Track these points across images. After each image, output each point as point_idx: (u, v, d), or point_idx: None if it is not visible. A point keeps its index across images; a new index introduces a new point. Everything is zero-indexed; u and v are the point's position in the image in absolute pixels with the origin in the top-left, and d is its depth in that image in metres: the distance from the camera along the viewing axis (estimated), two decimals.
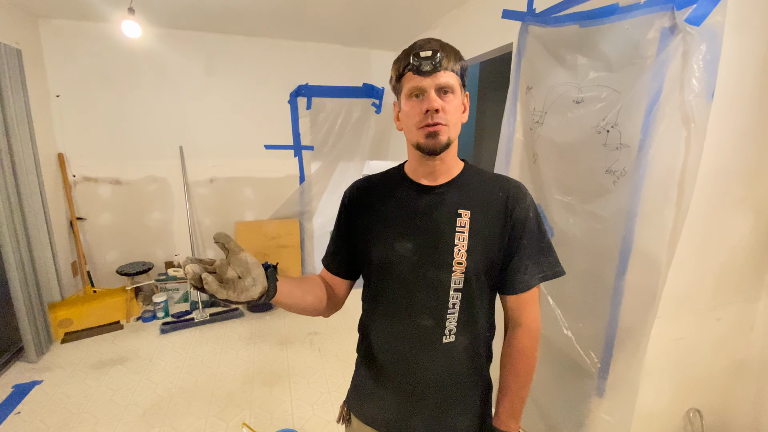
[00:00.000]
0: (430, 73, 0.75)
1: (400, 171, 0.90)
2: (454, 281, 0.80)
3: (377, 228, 0.86)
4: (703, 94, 1.20)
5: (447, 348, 0.83)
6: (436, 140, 0.77)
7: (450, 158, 0.84)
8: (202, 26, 3.19)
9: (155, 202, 3.48)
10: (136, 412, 2.09)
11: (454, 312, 0.81)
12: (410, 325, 0.83)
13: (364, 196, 0.91)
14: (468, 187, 0.84)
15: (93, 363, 2.53)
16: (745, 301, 1.61)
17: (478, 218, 0.81)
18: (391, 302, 0.85)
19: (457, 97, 0.78)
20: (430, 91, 0.75)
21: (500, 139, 1.95)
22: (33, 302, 2.55)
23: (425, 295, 0.82)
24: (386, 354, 0.88)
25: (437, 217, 0.82)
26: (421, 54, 0.75)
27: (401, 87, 0.80)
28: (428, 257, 0.81)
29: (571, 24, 1.55)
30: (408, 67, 0.77)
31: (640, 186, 1.35)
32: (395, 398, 0.87)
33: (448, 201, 0.82)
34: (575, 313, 1.63)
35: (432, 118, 0.75)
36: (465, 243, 0.79)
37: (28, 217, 2.57)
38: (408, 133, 0.81)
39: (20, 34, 2.69)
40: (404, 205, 0.85)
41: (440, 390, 0.85)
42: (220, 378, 2.39)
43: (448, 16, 2.76)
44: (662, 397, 1.57)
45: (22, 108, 2.57)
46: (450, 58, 0.76)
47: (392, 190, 0.88)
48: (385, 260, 0.84)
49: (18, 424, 1.99)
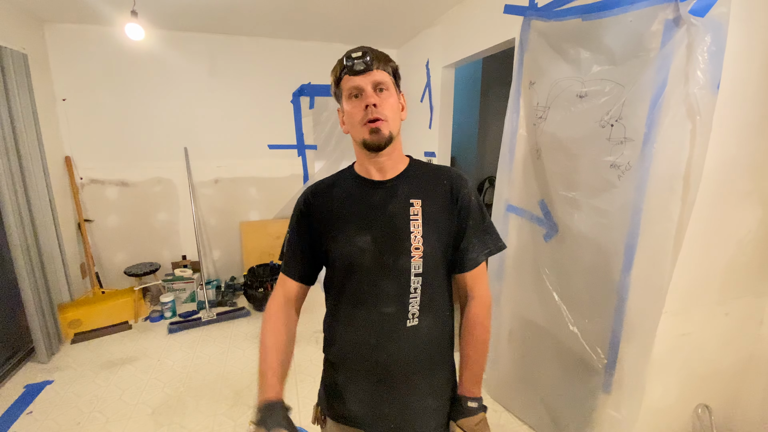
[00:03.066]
0: (364, 72, 0.82)
1: (350, 171, 0.95)
2: (414, 266, 0.85)
3: (337, 227, 0.90)
4: (708, 86, 1.18)
5: (411, 332, 0.88)
6: (379, 135, 0.83)
7: (396, 154, 0.90)
8: (205, 27, 3.20)
9: (161, 203, 3.51)
10: (146, 411, 2.11)
11: (416, 296, 0.86)
12: (375, 313, 0.88)
13: (319, 200, 0.94)
14: (416, 179, 0.91)
15: (102, 363, 2.56)
16: (753, 295, 1.59)
17: (429, 206, 0.88)
18: (355, 295, 0.90)
19: (392, 95, 0.85)
20: (367, 87, 0.82)
21: (503, 134, 1.94)
22: (43, 304, 2.58)
23: (388, 283, 0.86)
24: (353, 347, 0.91)
25: (391, 208, 0.88)
26: (353, 55, 0.82)
27: (341, 91, 0.86)
28: (388, 246, 0.86)
29: (574, 17, 1.54)
30: (343, 71, 0.84)
31: (645, 180, 1.33)
32: (365, 391, 0.91)
33: (399, 193, 0.89)
34: (581, 309, 1.62)
35: (372, 113, 0.82)
36: (420, 229, 0.86)
37: (37, 219, 2.60)
38: (353, 133, 0.87)
39: (26, 39, 2.72)
40: (359, 201, 0.90)
41: (408, 375, 0.89)
42: (228, 376, 2.41)
43: (449, 13, 2.75)
44: (670, 392, 1.56)
45: (29, 112, 2.60)
46: (380, 59, 0.84)
47: (346, 189, 0.93)
48: (347, 255, 0.88)
49: (30, 424, 2.02)
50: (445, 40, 2.84)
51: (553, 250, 1.74)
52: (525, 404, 1.98)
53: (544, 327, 1.81)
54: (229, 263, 3.81)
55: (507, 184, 1.94)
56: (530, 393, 1.93)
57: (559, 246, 1.70)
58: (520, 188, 1.90)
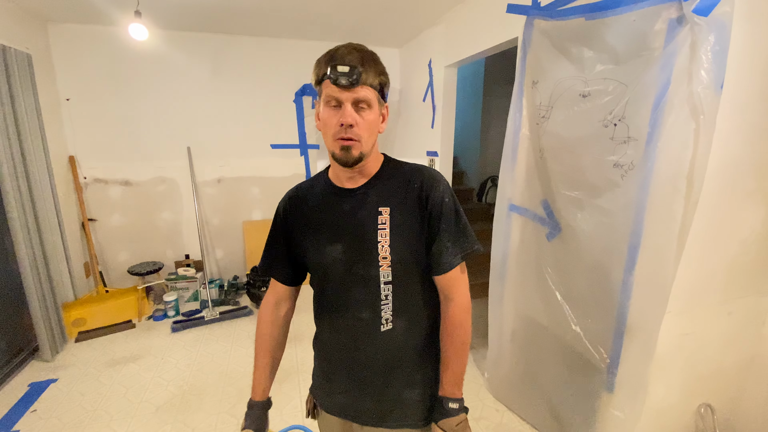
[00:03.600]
0: (347, 88, 0.77)
1: (325, 177, 0.95)
2: (383, 275, 0.86)
3: (310, 235, 0.92)
4: (711, 85, 1.18)
5: (386, 335, 0.90)
6: (348, 154, 0.81)
7: (368, 165, 0.88)
8: (208, 27, 3.21)
9: (164, 202, 3.52)
10: (149, 409, 2.12)
11: (387, 303, 0.88)
12: (350, 318, 0.91)
13: (296, 206, 0.96)
14: (386, 185, 0.89)
15: (106, 361, 2.58)
16: (757, 294, 1.59)
17: (397, 213, 0.87)
18: (331, 300, 0.93)
19: (373, 112, 0.82)
20: (347, 104, 0.78)
21: (506, 134, 1.94)
22: (47, 302, 2.60)
23: (359, 291, 0.88)
24: (333, 346, 0.97)
25: (361, 217, 0.87)
26: (339, 69, 0.76)
27: (320, 90, 0.83)
28: (357, 256, 0.87)
29: (577, 17, 1.54)
30: (326, 76, 0.79)
31: (648, 179, 1.33)
32: (346, 385, 0.96)
33: (368, 201, 0.88)
34: (584, 309, 1.62)
35: (345, 132, 0.79)
36: (387, 238, 0.85)
37: (41, 219, 2.62)
38: (326, 140, 0.84)
39: (30, 39, 2.73)
40: (331, 210, 0.91)
41: (385, 373, 0.92)
42: (231, 375, 2.42)
43: (451, 12, 2.74)
44: (673, 392, 1.56)
45: (33, 112, 2.61)
46: (369, 73, 0.78)
47: (319, 197, 0.94)
48: (320, 264, 0.91)
49: (34, 422, 2.03)
50: (448, 40, 2.84)
51: (555, 249, 1.74)
52: (527, 404, 1.98)
53: (546, 326, 1.81)
54: (232, 262, 3.82)
55: (510, 184, 1.94)
56: (533, 392, 1.93)
57: (561, 245, 1.70)
58: (522, 188, 1.90)
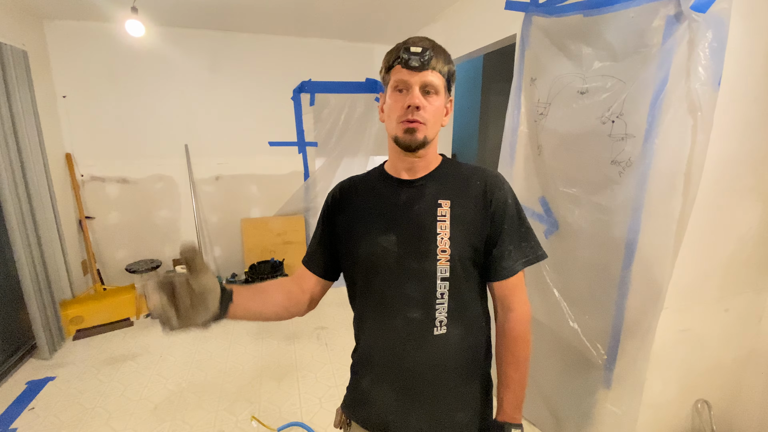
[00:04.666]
0: (417, 69, 0.76)
1: (380, 169, 0.92)
2: (440, 270, 0.80)
3: (360, 225, 0.87)
4: (709, 82, 1.18)
5: (438, 340, 0.82)
6: (413, 136, 0.78)
7: (429, 155, 0.85)
8: (205, 24, 3.19)
9: (162, 200, 3.51)
10: (148, 407, 2.12)
11: (443, 302, 0.81)
12: (400, 319, 0.83)
13: (346, 196, 0.92)
14: (446, 179, 0.86)
15: (104, 359, 2.57)
16: (753, 291, 1.59)
17: (458, 207, 0.82)
18: (379, 297, 0.85)
19: (440, 99, 0.80)
20: (415, 87, 0.77)
21: (504, 131, 1.94)
22: (45, 300, 2.59)
23: (412, 287, 0.82)
24: (378, 352, 0.88)
25: (418, 208, 0.83)
26: (411, 49, 0.76)
27: (389, 78, 0.81)
28: (412, 248, 0.82)
29: (575, 13, 1.53)
30: (397, 60, 0.78)
31: (646, 176, 1.34)
32: (391, 398, 0.86)
33: (427, 192, 0.84)
34: (581, 306, 1.63)
35: (412, 114, 0.77)
36: (447, 231, 0.80)
37: (38, 217, 2.60)
38: (388, 126, 0.82)
39: (26, 36, 2.71)
40: (385, 201, 0.86)
41: (435, 385, 0.84)
42: (229, 373, 2.42)
43: (451, 9, 2.74)
44: (670, 388, 1.57)
45: (29, 109, 2.60)
46: (439, 59, 0.78)
47: (373, 187, 0.90)
48: (370, 255, 0.85)
49: (32, 420, 2.03)
50: (446, 37, 2.83)
51: (553, 246, 1.74)
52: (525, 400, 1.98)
53: (544, 323, 1.81)
54: (230, 260, 3.82)
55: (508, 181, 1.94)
56: (530, 389, 1.93)
57: (559, 242, 1.70)
58: (520, 185, 1.90)
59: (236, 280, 3.67)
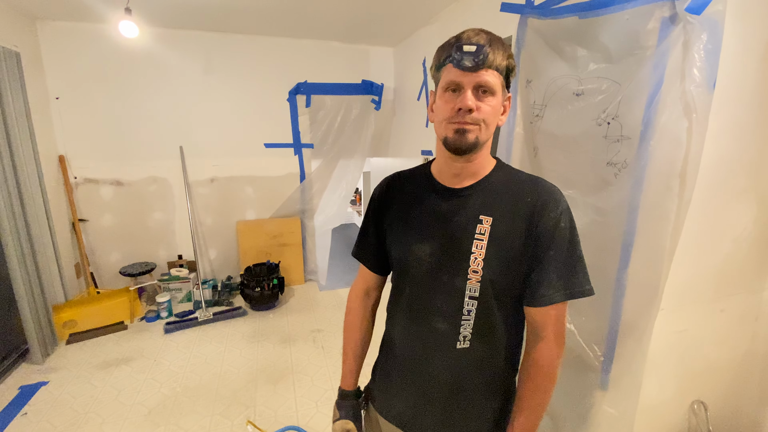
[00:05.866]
0: (471, 70, 0.70)
1: (427, 170, 0.87)
2: (470, 288, 0.78)
3: (398, 228, 0.87)
4: (704, 84, 1.18)
5: (460, 354, 0.81)
6: (463, 137, 0.73)
7: (480, 159, 0.79)
8: (200, 25, 3.18)
9: (156, 202, 3.49)
10: (142, 412, 2.10)
11: (469, 319, 0.79)
12: (425, 327, 0.83)
13: (391, 193, 0.91)
14: (494, 191, 0.79)
15: (98, 363, 2.55)
16: (749, 292, 1.60)
17: (501, 224, 0.76)
18: (409, 301, 0.86)
19: (496, 98, 0.73)
20: (468, 89, 0.71)
21: (500, 133, 1.94)
22: (37, 304, 2.56)
23: (440, 299, 0.80)
24: (403, 350, 0.89)
25: (458, 221, 0.79)
26: (465, 48, 0.70)
27: (439, 77, 0.76)
28: (444, 262, 0.79)
29: (570, 15, 1.53)
30: (449, 59, 0.72)
31: (641, 178, 1.34)
32: (408, 394, 0.88)
33: (470, 205, 0.79)
34: (577, 307, 1.63)
35: (463, 117, 0.72)
36: (483, 251, 0.76)
37: (31, 219, 2.58)
38: (437, 127, 0.78)
39: (19, 37, 2.68)
40: (426, 208, 0.83)
41: (451, 394, 0.84)
42: (225, 376, 2.40)
43: (446, 11, 2.74)
44: (666, 389, 1.57)
45: (22, 111, 2.57)
46: (497, 55, 0.71)
47: (417, 190, 0.86)
48: (403, 261, 0.85)
49: (25, 425, 2.00)
50: (442, 39, 2.82)
51: None
52: None
53: None
54: (225, 262, 3.80)
55: None
56: None
57: None
58: None
59: (232, 282, 3.65)
